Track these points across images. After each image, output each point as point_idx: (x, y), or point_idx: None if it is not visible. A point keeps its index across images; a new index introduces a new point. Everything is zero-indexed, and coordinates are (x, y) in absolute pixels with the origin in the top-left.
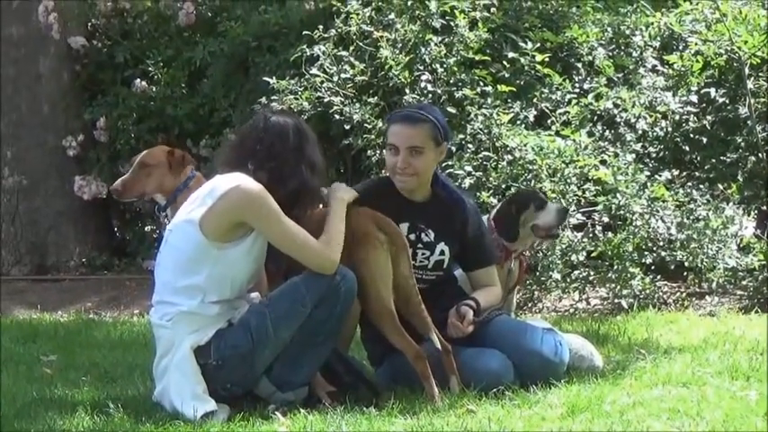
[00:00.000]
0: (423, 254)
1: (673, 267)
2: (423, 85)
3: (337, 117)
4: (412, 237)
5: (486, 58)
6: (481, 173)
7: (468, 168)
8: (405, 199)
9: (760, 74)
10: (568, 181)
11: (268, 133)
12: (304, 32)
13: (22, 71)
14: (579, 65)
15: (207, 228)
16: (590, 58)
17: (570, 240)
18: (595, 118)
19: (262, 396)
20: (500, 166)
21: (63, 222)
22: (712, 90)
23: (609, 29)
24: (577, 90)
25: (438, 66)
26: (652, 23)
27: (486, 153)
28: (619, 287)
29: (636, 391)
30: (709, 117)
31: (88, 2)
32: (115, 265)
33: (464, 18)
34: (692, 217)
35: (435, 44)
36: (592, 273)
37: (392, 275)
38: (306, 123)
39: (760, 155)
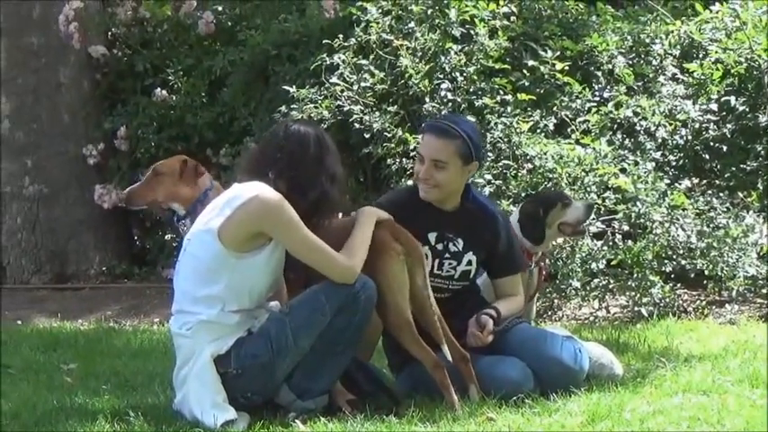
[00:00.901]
0: (449, 264)
1: (693, 275)
2: (443, 93)
3: (357, 126)
4: (439, 246)
5: (506, 66)
6: (501, 181)
7: (488, 177)
8: (434, 208)
9: None
10: (588, 189)
11: (289, 142)
12: (324, 41)
13: (43, 80)
14: (599, 73)
15: (226, 237)
16: (610, 66)
17: (590, 248)
18: (615, 126)
19: (282, 404)
20: (520, 174)
21: (83, 231)
22: (732, 98)
23: (629, 37)
24: (597, 98)
25: (458, 74)
26: (672, 32)
27: (506, 161)
28: (639, 295)
29: (656, 399)
30: (728, 125)
31: (108, 11)
32: (135, 274)
33: (484, 27)
34: (711, 225)
35: (455, 53)
36: (612, 281)
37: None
38: (326, 133)
39: None
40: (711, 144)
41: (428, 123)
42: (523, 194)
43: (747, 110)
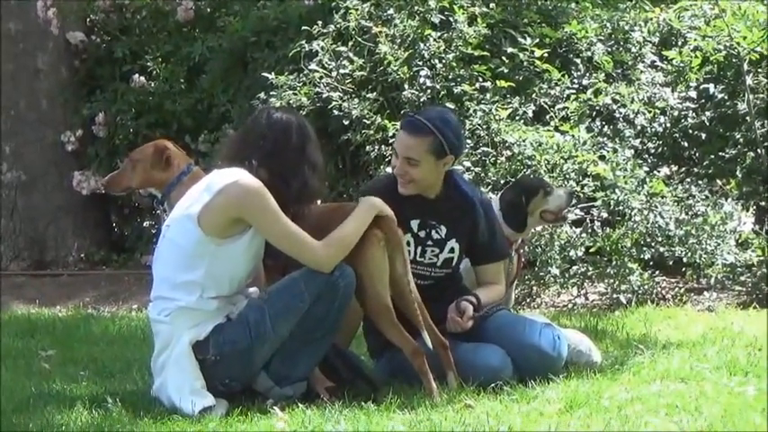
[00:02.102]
0: (432, 251)
1: (671, 263)
2: (422, 80)
3: (336, 113)
4: (422, 234)
5: (485, 53)
6: (480, 168)
7: (467, 164)
8: (416, 195)
9: (759, 70)
10: (567, 176)
11: (272, 130)
12: (303, 28)
13: (21, 66)
14: (578, 60)
15: (205, 223)
16: (589, 53)
17: (569, 236)
18: (594, 113)
19: (260, 391)
20: (499, 161)
21: (62, 217)
22: (711, 86)
23: (608, 24)
24: (576, 86)
25: (437, 61)
26: (651, 19)
27: (485, 149)
28: (617, 282)
29: (634, 386)
30: (707, 113)
31: None
32: (113, 261)
33: (463, 13)
34: (690, 213)
35: (434, 39)
36: (590, 268)
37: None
38: (307, 121)
39: (758, 150)
40: (690, 132)
41: (404, 118)
42: (502, 182)
43: (726, 98)
